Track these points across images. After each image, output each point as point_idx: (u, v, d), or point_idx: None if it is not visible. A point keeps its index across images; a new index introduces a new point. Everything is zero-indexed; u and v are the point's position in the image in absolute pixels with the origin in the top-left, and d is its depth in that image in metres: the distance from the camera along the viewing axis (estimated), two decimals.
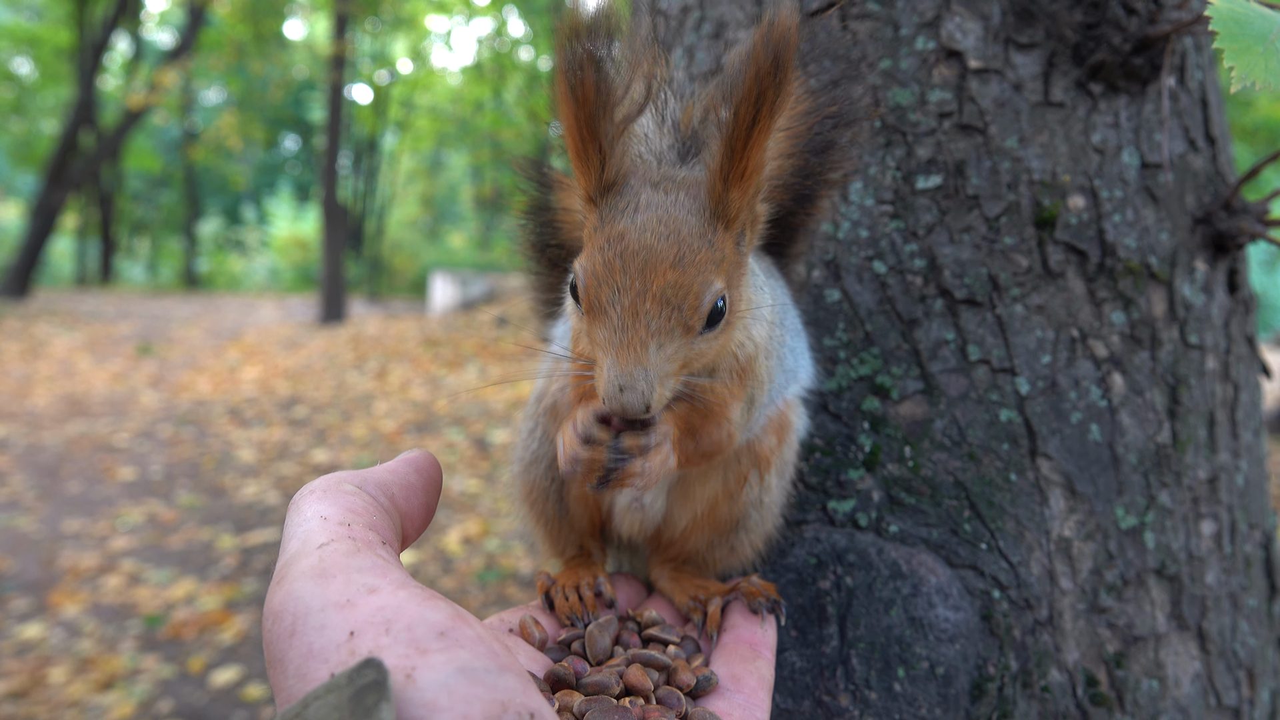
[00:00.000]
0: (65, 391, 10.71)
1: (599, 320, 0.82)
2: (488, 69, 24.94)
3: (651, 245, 0.81)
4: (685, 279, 0.80)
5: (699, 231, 0.82)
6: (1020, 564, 1.14)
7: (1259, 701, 1.32)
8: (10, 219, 34.88)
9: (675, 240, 0.81)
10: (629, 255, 0.81)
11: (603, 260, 0.81)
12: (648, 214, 0.82)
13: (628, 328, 0.80)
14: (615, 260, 0.81)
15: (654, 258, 0.80)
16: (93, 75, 20.90)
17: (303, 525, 0.71)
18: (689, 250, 0.81)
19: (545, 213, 1.17)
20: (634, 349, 0.79)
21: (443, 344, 14.96)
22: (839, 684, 1.07)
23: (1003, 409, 1.20)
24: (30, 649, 4.58)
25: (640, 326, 0.80)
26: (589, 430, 0.86)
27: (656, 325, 0.80)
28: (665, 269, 0.80)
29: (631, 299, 0.80)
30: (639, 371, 0.79)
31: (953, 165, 1.26)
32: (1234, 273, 1.40)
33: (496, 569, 5.89)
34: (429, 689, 0.54)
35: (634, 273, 0.80)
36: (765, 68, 0.76)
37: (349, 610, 0.60)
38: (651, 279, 0.80)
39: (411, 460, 0.85)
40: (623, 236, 0.81)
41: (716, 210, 0.83)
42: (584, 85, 0.79)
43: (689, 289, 0.81)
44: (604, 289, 0.81)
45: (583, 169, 0.85)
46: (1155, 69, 1.29)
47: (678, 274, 0.80)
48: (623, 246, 0.81)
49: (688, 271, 0.81)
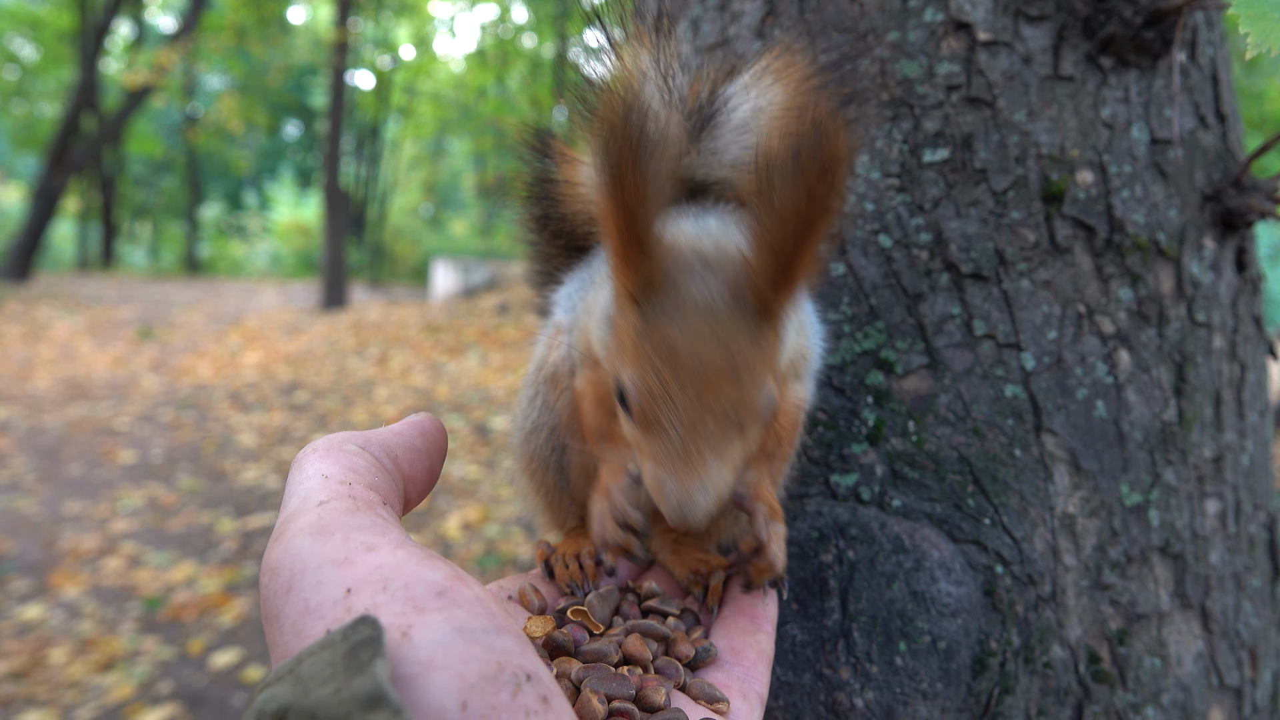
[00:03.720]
0: (66, 374, 10.71)
1: (653, 435, 0.78)
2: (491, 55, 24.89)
3: (704, 357, 0.76)
4: (742, 392, 0.77)
5: (748, 333, 0.78)
6: (1024, 540, 1.14)
7: (1261, 682, 1.31)
8: (12, 202, 34.84)
9: (727, 349, 0.76)
10: (682, 370, 0.76)
11: (656, 376, 0.77)
12: (696, 319, 0.77)
13: (687, 445, 0.76)
14: (669, 377, 0.76)
15: (709, 372, 0.76)
16: (94, 58, 20.85)
17: (304, 483, 0.70)
18: (742, 359, 0.77)
19: (548, 185, 1.16)
20: (694, 466, 0.76)
21: (444, 330, 14.95)
22: (840, 657, 1.06)
23: (1008, 384, 1.19)
24: (31, 630, 4.59)
25: (700, 442, 0.76)
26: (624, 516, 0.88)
27: (715, 440, 0.77)
28: (722, 384, 0.76)
29: (688, 417, 0.76)
30: (699, 490, 0.76)
31: (960, 139, 1.24)
32: (1242, 251, 1.39)
33: (496, 554, 5.90)
34: (425, 647, 0.53)
35: (690, 389, 0.76)
36: (817, 189, 0.70)
37: (346, 567, 0.59)
38: (708, 396, 0.76)
39: (416, 423, 0.84)
40: (673, 349, 0.76)
41: (763, 310, 0.79)
42: (627, 189, 0.73)
43: (746, 402, 0.78)
44: (660, 407, 0.77)
45: (624, 269, 0.78)
46: (1166, 43, 1.27)
47: (734, 388, 0.77)
48: (675, 361, 0.76)
49: (744, 383, 0.77)
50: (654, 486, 0.78)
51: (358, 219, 30.16)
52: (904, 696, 1.04)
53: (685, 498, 0.76)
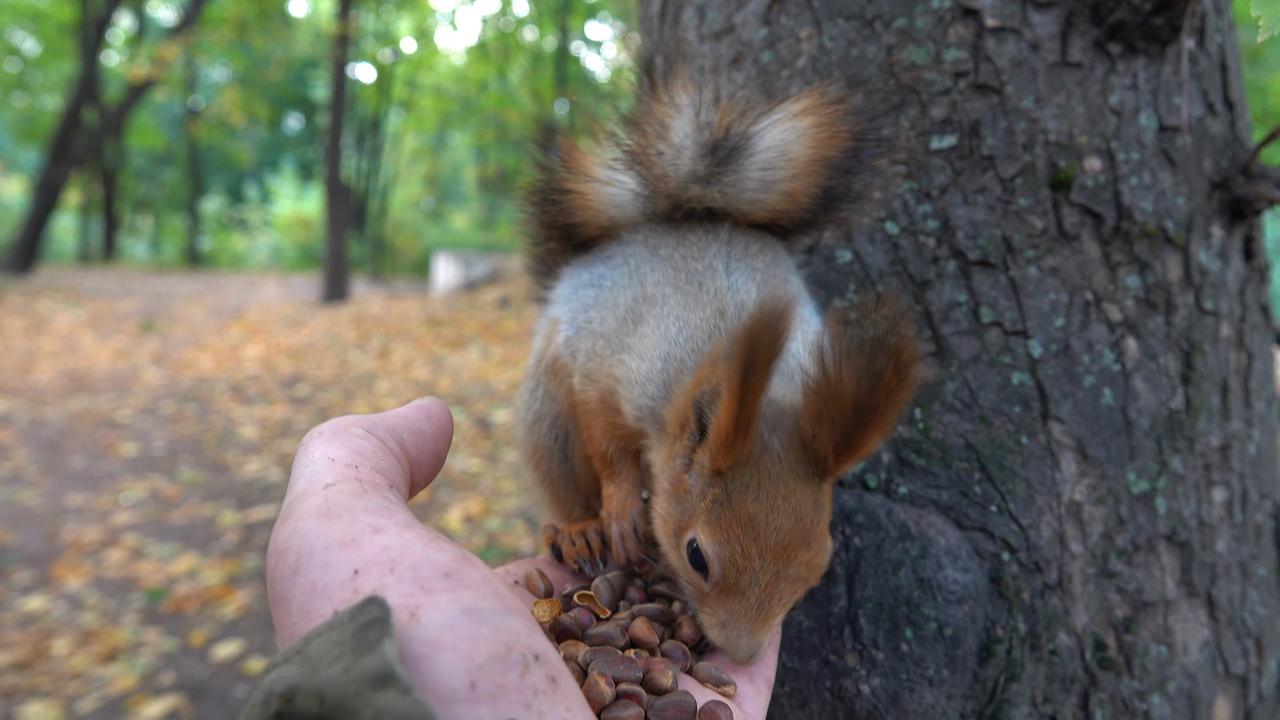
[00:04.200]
0: (68, 367, 10.72)
1: (733, 597, 0.84)
2: (492, 49, 24.84)
3: (781, 527, 0.82)
4: (812, 555, 0.84)
5: (814, 499, 0.84)
6: (1030, 527, 1.13)
7: (1266, 671, 1.31)
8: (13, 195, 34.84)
9: (799, 519, 0.82)
10: (762, 541, 0.82)
11: (740, 549, 0.82)
12: (771, 494, 0.82)
13: (764, 606, 0.83)
14: (751, 549, 0.82)
15: (785, 542, 0.82)
16: (96, 51, 20.83)
17: (310, 466, 0.70)
18: (810, 524, 0.83)
19: (556, 190, 1.15)
20: (768, 624, 0.84)
21: (445, 324, 14.95)
22: (846, 644, 1.06)
23: (1015, 372, 1.18)
24: (33, 621, 4.59)
25: (775, 604, 0.84)
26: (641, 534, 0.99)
27: (788, 599, 0.85)
28: (796, 552, 0.83)
29: (767, 581, 0.83)
30: (767, 638, 0.85)
31: (968, 125, 1.24)
32: (1250, 239, 1.38)
33: (498, 548, 5.90)
34: (433, 628, 0.53)
35: (769, 560, 0.82)
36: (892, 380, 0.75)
37: (353, 549, 0.59)
38: (784, 563, 0.83)
39: (423, 407, 0.84)
40: (753, 523, 0.82)
41: (824, 474, 0.84)
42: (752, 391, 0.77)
43: (816, 563, 0.85)
44: (742, 576, 0.83)
45: (725, 455, 0.83)
46: (1175, 30, 1.27)
47: (807, 554, 0.83)
48: (755, 535, 0.82)
49: (813, 548, 0.84)
50: (720, 634, 0.85)
51: (359, 212, 30.15)
52: (910, 683, 1.03)
53: (755, 648, 0.84)
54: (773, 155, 1.03)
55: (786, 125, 1.03)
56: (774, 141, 1.02)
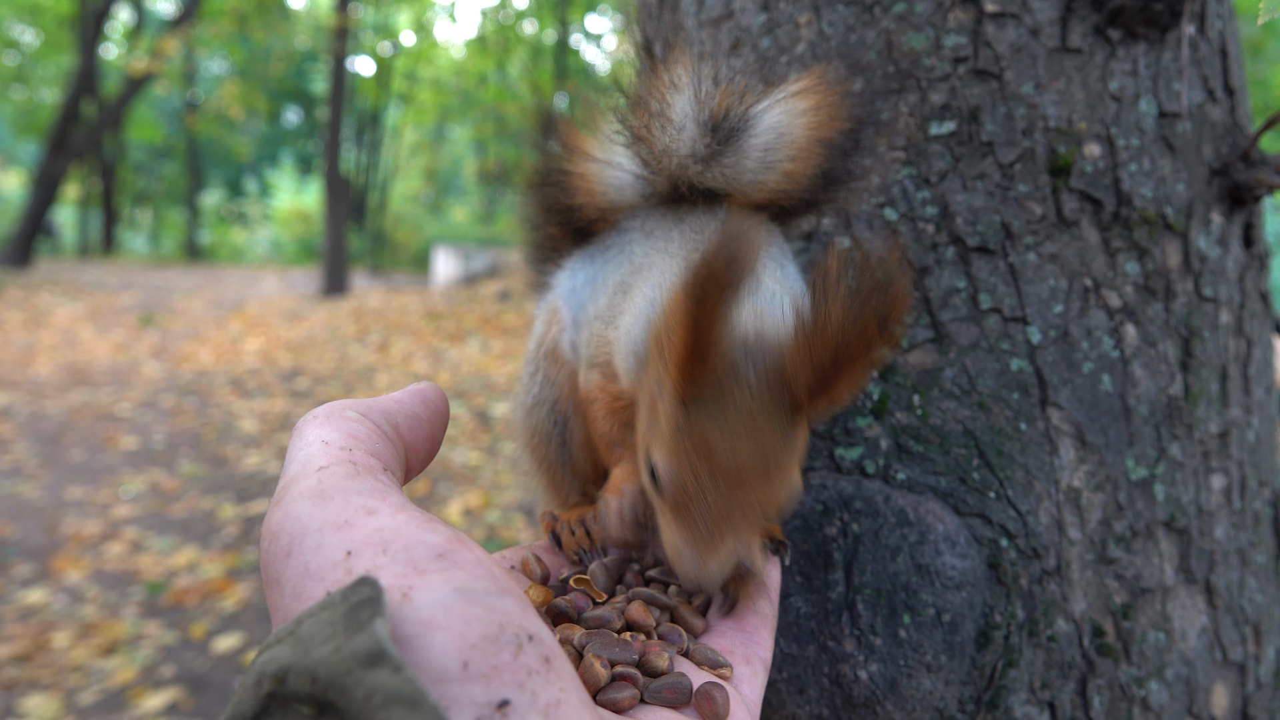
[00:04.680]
0: (67, 361, 10.72)
1: (682, 518, 0.82)
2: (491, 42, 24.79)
3: (739, 458, 0.79)
4: (771, 490, 0.81)
5: (782, 434, 0.80)
6: (1028, 513, 1.13)
7: (1265, 658, 1.31)
8: (12, 188, 34.81)
9: (761, 451, 0.79)
10: (717, 469, 0.79)
11: (692, 475, 0.80)
12: (735, 424, 0.79)
13: (714, 535, 0.80)
14: (705, 476, 0.79)
15: (743, 473, 0.79)
16: (94, 44, 20.79)
17: (304, 449, 0.70)
18: (774, 460, 0.80)
19: (555, 174, 1.15)
20: (717, 552, 0.81)
21: (445, 317, 14.95)
22: (844, 629, 1.06)
23: (1014, 358, 1.18)
24: (33, 614, 4.60)
25: (726, 534, 0.81)
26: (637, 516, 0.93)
27: (740, 530, 0.81)
28: (754, 484, 0.79)
29: (718, 511, 0.80)
30: (719, 570, 0.81)
31: (967, 111, 1.23)
32: (1250, 226, 1.38)
33: (497, 540, 5.90)
34: (426, 608, 0.53)
35: (722, 488, 0.79)
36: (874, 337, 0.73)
37: (347, 530, 0.59)
38: (739, 494, 0.80)
39: (418, 392, 0.84)
40: (711, 450, 0.79)
41: (797, 413, 0.81)
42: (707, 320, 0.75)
43: (775, 500, 0.81)
44: (693, 503, 0.80)
45: (681, 379, 0.80)
46: (1175, 16, 1.26)
47: (764, 488, 0.80)
48: (712, 461, 0.79)
49: (774, 483, 0.80)
50: (673, 555, 0.83)
51: (358, 206, 30.14)
52: (907, 669, 1.03)
53: (702, 573, 0.81)
54: (772, 136, 1.02)
55: (786, 106, 1.03)
56: (773, 122, 1.02)
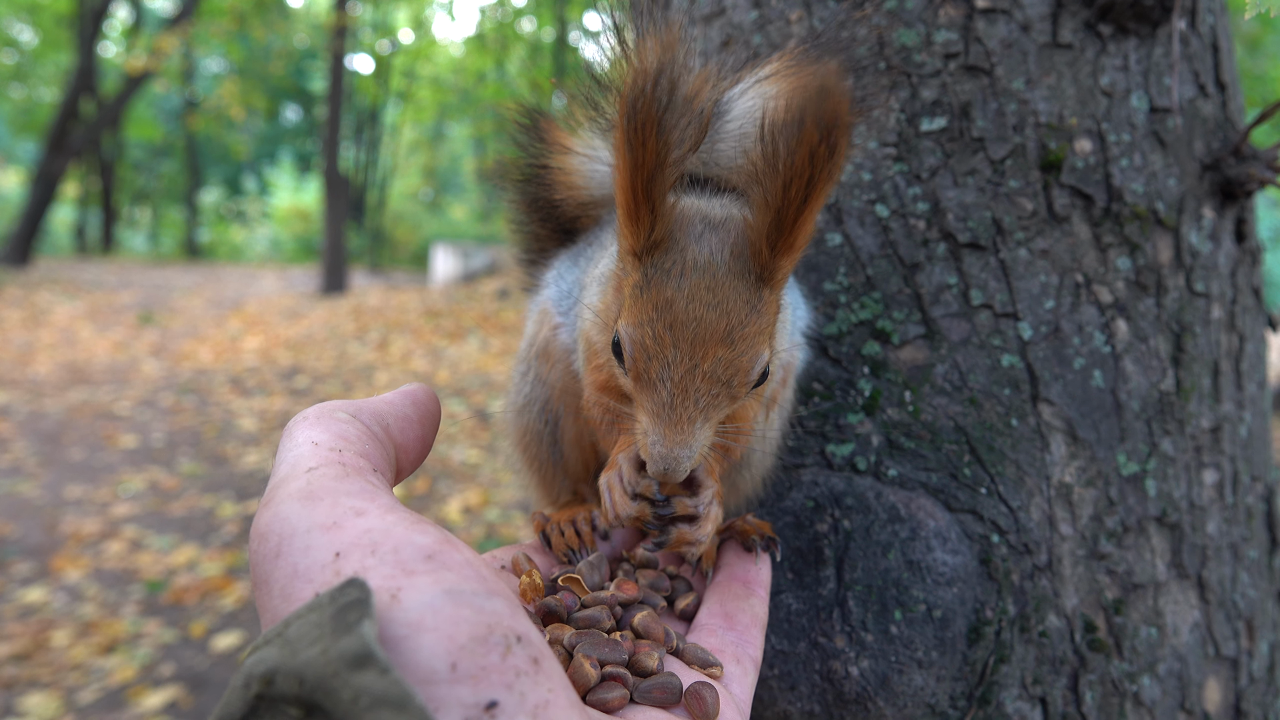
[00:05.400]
0: (67, 359, 10.71)
1: (646, 390, 0.80)
2: (490, 39, 24.73)
3: (701, 317, 0.78)
4: (735, 356, 0.79)
5: (746, 299, 0.79)
6: (1020, 509, 1.13)
7: (1258, 653, 1.31)
8: (11, 187, 34.80)
9: (724, 311, 0.78)
10: (678, 328, 0.78)
11: (651, 332, 0.79)
12: (694, 278, 0.79)
13: (676, 404, 0.79)
14: (664, 333, 0.78)
15: (704, 331, 0.78)
16: (93, 42, 20.77)
17: (293, 450, 0.70)
18: (738, 322, 0.79)
19: (540, 169, 1.15)
20: (681, 425, 0.79)
21: (444, 315, 14.95)
22: (835, 626, 1.06)
23: (1005, 354, 1.18)
24: (33, 613, 4.60)
25: (689, 403, 0.79)
26: (635, 485, 0.88)
27: (705, 401, 0.79)
28: (715, 345, 0.78)
29: (681, 374, 0.78)
30: (684, 449, 0.79)
31: (958, 107, 1.23)
32: (1242, 221, 1.38)
33: (497, 538, 5.91)
34: (414, 609, 0.53)
35: (684, 347, 0.78)
36: (819, 149, 0.71)
37: (335, 532, 0.59)
38: (701, 356, 0.78)
39: (409, 393, 0.84)
40: (670, 305, 0.78)
41: (763, 275, 0.80)
42: (645, 149, 0.75)
43: (739, 366, 0.79)
44: (653, 363, 0.79)
45: (632, 227, 0.81)
46: (1166, 11, 1.26)
47: (728, 350, 0.78)
48: (671, 317, 0.78)
49: (738, 347, 0.79)
50: (642, 442, 0.81)
51: (357, 204, 30.12)
52: (899, 665, 1.04)
53: (669, 456, 0.79)
54: (747, 120, 1.02)
55: (759, 90, 1.02)
56: (748, 106, 1.01)
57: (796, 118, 0.72)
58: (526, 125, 1.15)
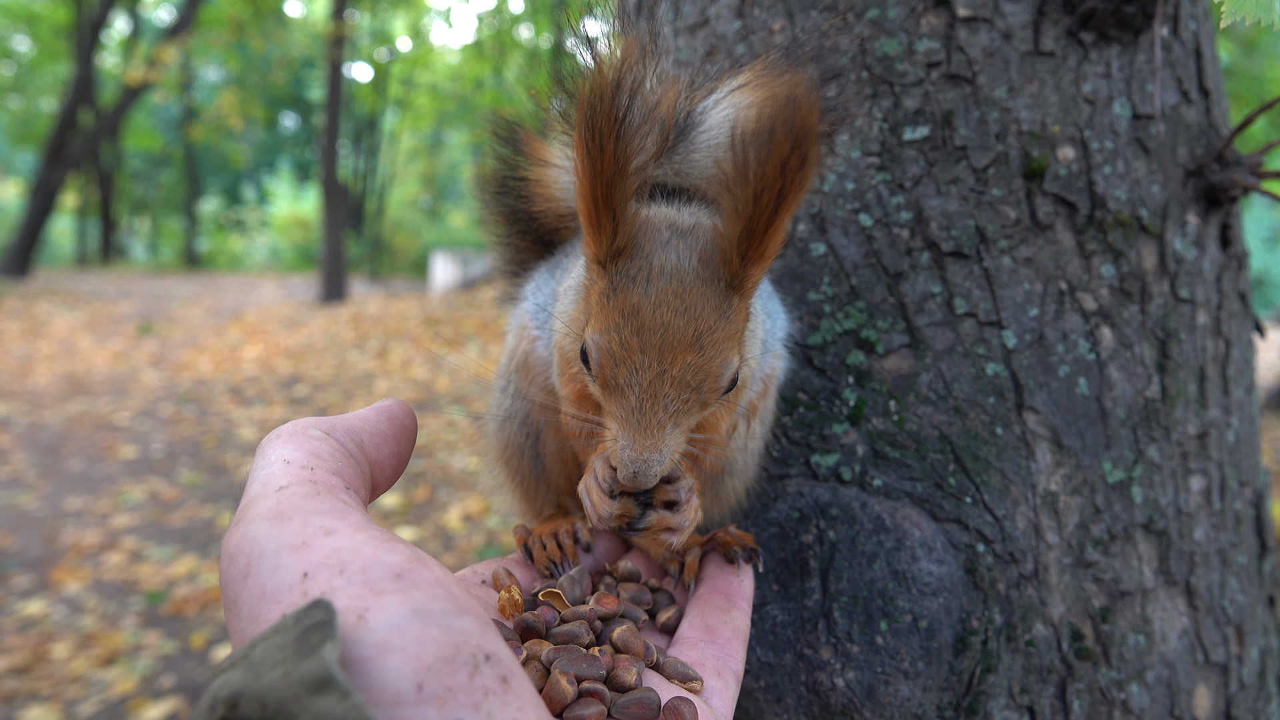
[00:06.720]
0: (66, 370, 10.72)
1: (614, 397, 0.80)
2: (488, 47, 24.77)
3: (668, 323, 0.77)
4: (704, 361, 0.78)
5: (715, 305, 0.79)
6: (1005, 518, 1.13)
7: (1247, 659, 1.31)
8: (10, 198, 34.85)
9: (692, 317, 0.78)
10: (645, 333, 0.77)
11: (619, 339, 0.78)
12: (661, 284, 0.78)
13: (645, 410, 0.78)
14: (631, 339, 0.78)
15: (671, 337, 0.77)
16: (91, 53, 20.81)
17: (265, 469, 0.70)
18: (706, 328, 0.78)
19: (517, 180, 1.15)
20: (651, 431, 0.78)
21: (444, 323, 14.95)
22: (820, 637, 1.06)
23: (989, 362, 1.18)
24: (33, 625, 4.60)
25: (658, 409, 0.78)
26: (611, 483, 0.87)
27: (675, 407, 0.79)
28: (684, 351, 0.77)
29: (649, 380, 0.78)
30: (654, 454, 0.79)
31: (940, 116, 1.23)
32: (1226, 227, 1.38)
33: (497, 546, 5.90)
34: (380, 630, 0.53)
35: (651, 353, 0.77)
36: (790, 160, 0.71)
37: (304, 552, 0.59)
38: (670, 362, 0.77)
39: (384, 409, 0.84)
40: (637, 311, 0.78)
41: (733, 283, 0.80)
42: (604, 154, 0.75)
43: (708, 372, 0.79)
44: (620, 369, 0.78)
45: (594, 234, 0.80)
46: (1148, 18, 1.26)
47: (697, 356, 0.78)
48: (638, 323, 0.78)
49: (706, 353, 0.78)
50: (612, 448, 0.81)
51: (356, 212, 30.15)
52: (885, 676, 1.03)
53: (639, 460, 0.79)
54: (721, 130, 1.02)
55: (733, 100, 1.02)
56: (722, 116, 1.01)
57: (767, 128, 0.72)
58: (504, 137, 1.16)
